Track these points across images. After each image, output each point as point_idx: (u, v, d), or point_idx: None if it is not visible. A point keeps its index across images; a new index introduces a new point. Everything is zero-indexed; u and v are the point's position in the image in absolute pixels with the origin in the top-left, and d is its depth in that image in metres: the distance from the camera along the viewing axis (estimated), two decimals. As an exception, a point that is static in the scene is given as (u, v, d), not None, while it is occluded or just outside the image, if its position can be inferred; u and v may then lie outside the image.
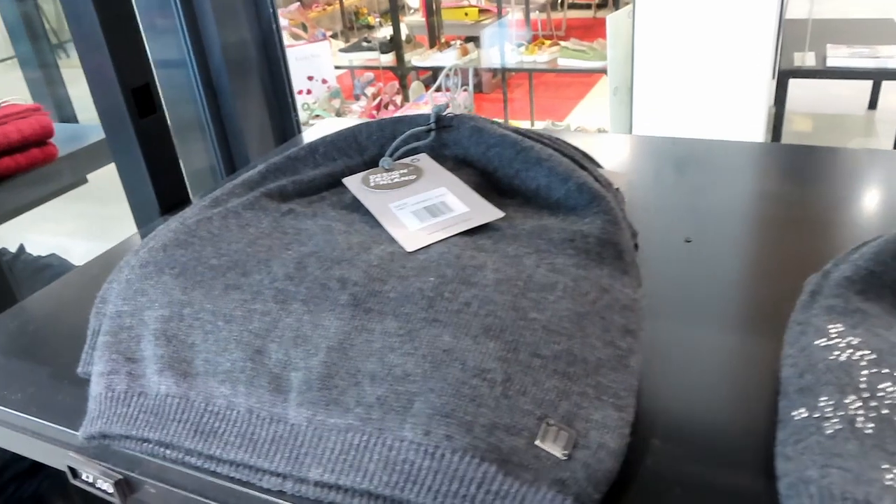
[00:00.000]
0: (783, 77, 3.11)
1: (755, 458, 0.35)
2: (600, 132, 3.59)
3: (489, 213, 0.48)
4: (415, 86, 4.06)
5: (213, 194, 0.53)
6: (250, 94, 1.03)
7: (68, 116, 2.28)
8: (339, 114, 3.71)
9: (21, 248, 1.11)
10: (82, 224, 2.60)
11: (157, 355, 0.41)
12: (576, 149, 0.58)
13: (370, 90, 3.91)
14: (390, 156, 0.56)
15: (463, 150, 0.56)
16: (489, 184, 0.54)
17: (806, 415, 0.33)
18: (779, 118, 3.23)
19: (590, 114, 4.20)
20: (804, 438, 0.32)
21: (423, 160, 0.55)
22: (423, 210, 0.49)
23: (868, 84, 3.91)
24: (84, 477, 0.42)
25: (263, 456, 0.36)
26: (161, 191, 0.68)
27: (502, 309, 0.39)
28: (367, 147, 0.58)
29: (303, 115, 3.67)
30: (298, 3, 4.66)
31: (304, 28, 4.29)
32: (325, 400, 0.36)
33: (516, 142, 0.53)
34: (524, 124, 3.97)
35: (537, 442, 0.34)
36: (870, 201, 0.61)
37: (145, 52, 0.65)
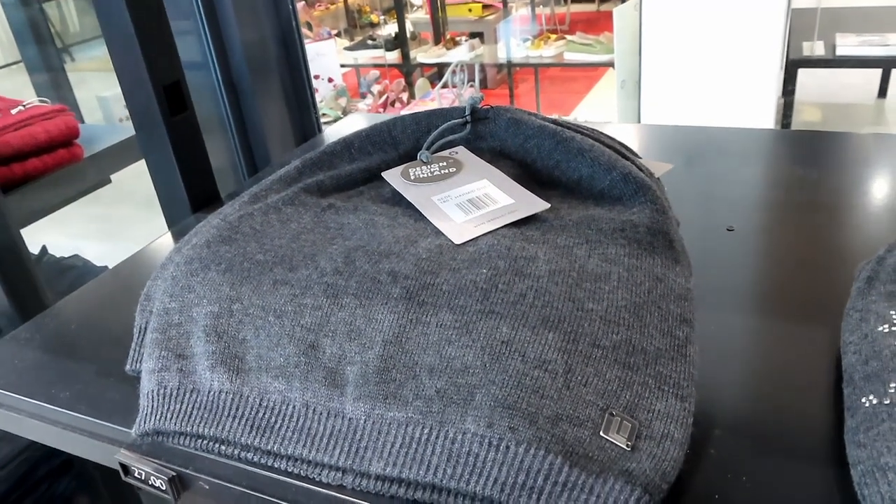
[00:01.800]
0: (792, 67, 3.09)
1: (819, 446, 0.35)
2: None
3: (535, 204, 0.47)
4: (420, 82, 4.05)
5: (252, 190, 0.53)
6: (271, 93, 1.03)
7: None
8: (345, 112, 3.70)
9: (44, 250, 1.11)
10: (95, 227, 2.60)
11: (208, 351, 0.41)
12: (614, 139, 0.57)
13: (376, 88, 3.91)
14: (427, 149, 0.56)
15: (500, 141, 0.56)
16: (529, 175, 0.54)
17: (876, 402, 0.33)
18: (788, 108, 3.21)
19: (596, 107, 4.19)
20: (876, 425, 0.32)
21: (462, 153, 0.55)
22: (467, 202, 0.49)
23: (877, 73, 3.89)
24: (136, 474, 0.42)
25: (322, 450, 0.36)
26: (192, 189, 0.68)
27: (558, 300, 0.38)
28: (402, 141, 0.58)
29: (310, 114, 3.67)
30: (303, 3, 4.66)
31: (310, 27, 4.29)
32: (384, 393, 0.36)
33: (555, 132, 0.52)
34: (532, 119, 3.97)
35: (601, 433, 0.33)
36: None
37: (175, 49, 0.65)
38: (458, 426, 0.34)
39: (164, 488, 0.41)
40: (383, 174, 0.54)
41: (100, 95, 2.55)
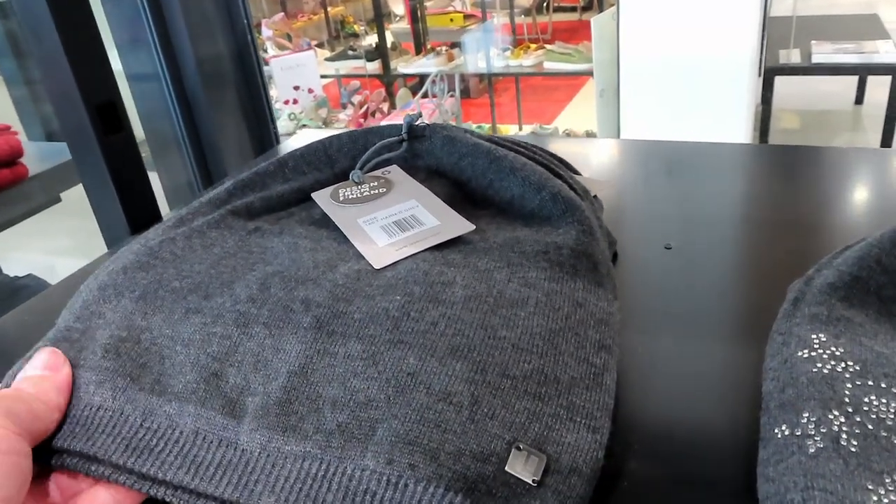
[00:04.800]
0: (769, 75, 3.11)
1: (739, 480, 0.33)
2: (588, 135, 3.58)
3: (460, 226, 0.46)
4: (402, 93, 4.05)
5: (179, 213, 0.51)
6: (226, 107, 1.01)
7: (55, 132, 2.27)
8: (326, 122, 3.69)
9: (-3, 269, 1.09)
10: (64, 241, 2.57)
11: (100, 367, 0.38)
12: (552, 156, 0.56)
13: (357, 98, 3.90)
14: (360, 168, 0.54)
15: (436, 160, 0.54)
16: (463, 194, 0.52)
17: (788, 432, 0.31)
18: (766, 116, 3.23)
19: (578, 116, 4.20)
20: (786, 458, 0.30)
21: (395, 172, 0.54)
22: (393, 225, 0.47)
23: (854, 79, 3.92)
24: None
25: (207, 480, 0.34)
26: (130, 210, 0.66)
27: (470, 328, 0.37)
28: (338, 160, 0.57)
29: (290, 125, 3.66)
30: (282, 14, 4.66)
31: (289, 38, 4.28)
32: (283, 426, 0.34)
33: (489, 151, 0.51)
34: (512, 128, 3.97)
35: (507, 468, 0.32)
36: (856, 201, 0.60)
37: (109, 67, 0.63)
38: (356, 462, 0.32)
39: None
40: (313, 195, 0.53)
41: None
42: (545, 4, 6.04)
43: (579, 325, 0.39)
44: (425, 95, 3.62)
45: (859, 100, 3.94)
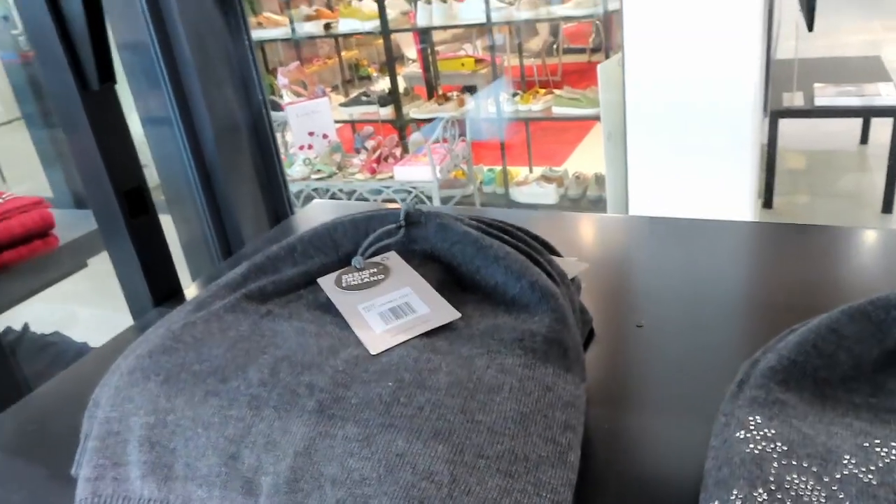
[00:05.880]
0: (773, 117, 3.17)
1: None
2: (597, 177, 3.65)
3: (447, 314, 0.52)
4: (414, 137, 4.14)
5: (199, 297, 0.58)
6: (242, 176, 1.08)
7: (72, 175, 2.34)
8: (340, 167, 3.78)
9: (25, 327, 1.16)
10: (89, 297, 2.65)
11: (140, 461, 0.45)
12: (535, 238, 0.62)
13: (370, 143, 3.99)
14: (362, 254, 0.60)
15: (430, 245, 0.60)
16: (453, 278, 0.58)
17: (719, 510, 0.37)
18: (771, 157, 3.28)
19: (587, 159, 4.26)
20: (715, 532, 0.36)
21: (392, 258, 0.60)
22: (388, 311, 0.53)
23: (859, 120, 3.97)
24: (77, 575, 0.46)
25: None
26: (154, 284, 0.72)
27: (452, 412, 0.43)
28: (342, 244, 0.63)
29: (304, 171, 3.75)
30: (298, 63, 4.78)
31: (304, 86, 4.39)
32: (292, 502, 0.40)
33: (477, 239, 0.57)
34: (522, 170, 4.04)
35: (480, 540, 0.37)
36: (833, 281, 0.64)
37: (136, 156, 0.70)
38: (352, 536, 0.38)
39: (102, 588, 0.45)
40: (318, 281, 0.59)
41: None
42: (555, 47, 6.15)
43: (548, 408, 0.44)
44: (437, 140, 3.71)
45: (864, 140, 3.98)
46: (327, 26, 4.20)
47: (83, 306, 2.42)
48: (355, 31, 4.22)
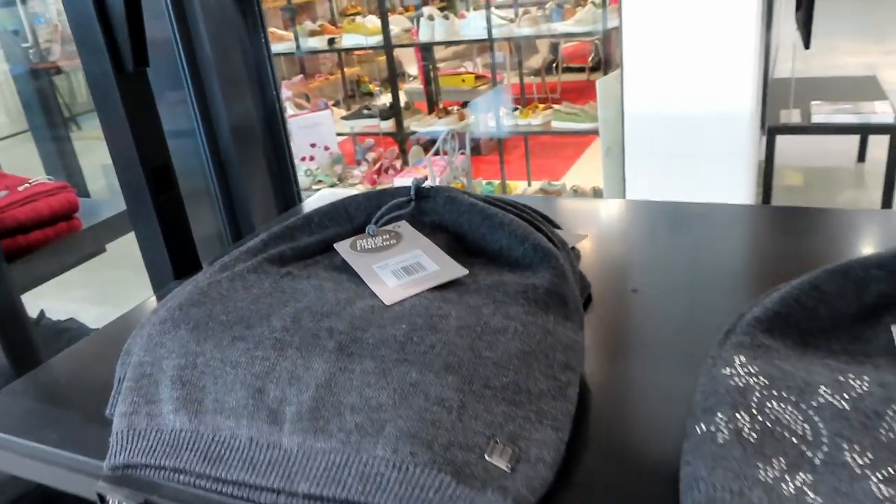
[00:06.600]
0: (770, 134, 3.22)
1: (672, 468, 0.42)
2: (595, 191, 3.69)
3: (456, 270, 0.56)
4: (414, 150, 4.19)
5: (222, 260, 0.61)
6: (255, 167, 1.12)
7: (78, 186, 2.38)
8: (341, 178, 3.83)
9: (42, 314, 1.20)
10: (94, 291, 2.69)
11: (172, 397, 0.48)
12: (537, 213, 0.66)
13: (371, 155, 4.04)
14: (375, 223, 0.64)
15: (439, 216, 0.64)
16: (461, 245, 0.62)
17: (705, 429, 0.40)
18: (768, 173, 3.33)
19: (585, 173, 4.32)
20: (701, 447, 0.39)
21: (404, 227, 0.64)
22: (401, 269, 0.57)
23: (856, 138, 4.03)
24: (110, 502, 0.49)
25: (261, 476, 0.43)
26: (175, 258, 0.76)
27: (461, 350, 0.46)
28: (356, 216, 0.67)
29: (306, 181, 3.79)
30: (301, 76, 4.84)
31: (307, 98, 4.45)
32: (314, 428, 0.44)
33: (483, 209, 0.61)
34: (521, 184, 4.08)
35: (486, 457, 0.41)
36: (805, 256, 0.68)
37: (164, 136, 0.75)
38: (370, 453, 0.41)
39: (134, 514, 0.48)
40: (335, 245, 0.63)
41: (104, 163, 2.67)
42: (554, 65, 6.23)
43: (549, 349, 0.48)
44: (437, 153, 3.76)
45: (861, 157, 4.04)
46: (331, 41, 4.27)
47: (91, 304, 2.46)
48: (359, 46, 4.29)
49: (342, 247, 0.62)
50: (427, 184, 0.67)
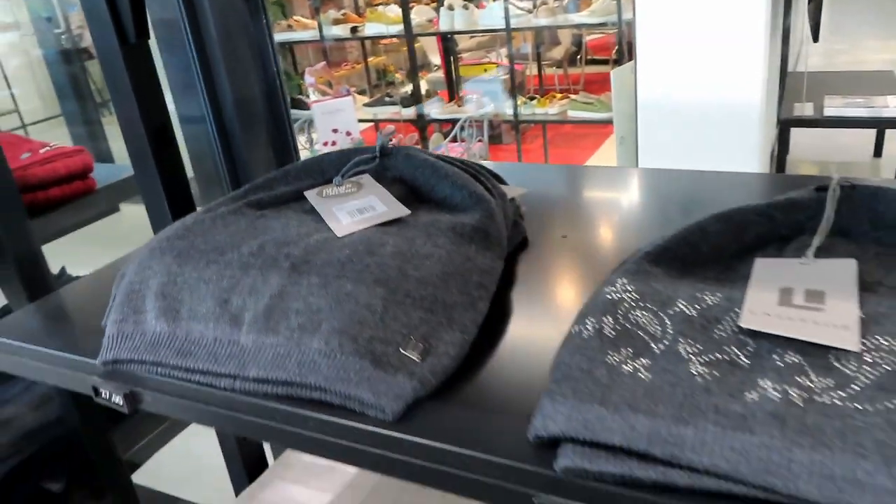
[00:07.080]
0: (783, 126, 3.27)
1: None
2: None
3: (400, 210, 0.65)
4: (434, 137, 4.28)
5: (208, 206, 0.71)
6: (257, 140, 1.22)
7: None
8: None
9: (63, 270, 1.31)
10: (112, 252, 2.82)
11: (155, 307, 0.58)
12: (485, 169, 0.75)
13: (392, 142, 4.14)
14: (342, 176, 0.74)
15: (399, 171, 0.74)
16: (414, 195, 0.71)
17: (575, 330, 0.49)
18: (780, 165, 3.37)
19: (602, 163, 4.38)
20: (569, 342, 0.48)
21: (366, 179, 0.73)
22: (355, 210, 0.66)
23: (873, 132, 4.05)
24: (103, 395, 0.59)
25: (222, 365, 0.53)
26: (174, 206, 0.86)
27: (391, 269, 0.56)
28: (328, 170, 0.76)
29: (327, 166, 3.90)
30: (324, 63, 4.95)
31: (330, 85, 4.55)
32: (265, 328, 0.53)
33: (433, 164, 0.70)
34: (537, 173, 4.16)
35: (401, 350, 0.50)
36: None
37: (164, 100, 0.84)
38: (308, 345, 0.51)
39: (121, 403, 0.58)
40: (305, 193, 0.72)
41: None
42: (578, 57, 6.27)
43: (467, 272, 0.57)
44: (454, 139, 3.85)
45: (878, 153, 4.05)
46: (354, 30, 4.37)
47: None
48: (380, 35, 4.39)
49: (310, 194, 0.72)
50: (391, 144, 0.76)
